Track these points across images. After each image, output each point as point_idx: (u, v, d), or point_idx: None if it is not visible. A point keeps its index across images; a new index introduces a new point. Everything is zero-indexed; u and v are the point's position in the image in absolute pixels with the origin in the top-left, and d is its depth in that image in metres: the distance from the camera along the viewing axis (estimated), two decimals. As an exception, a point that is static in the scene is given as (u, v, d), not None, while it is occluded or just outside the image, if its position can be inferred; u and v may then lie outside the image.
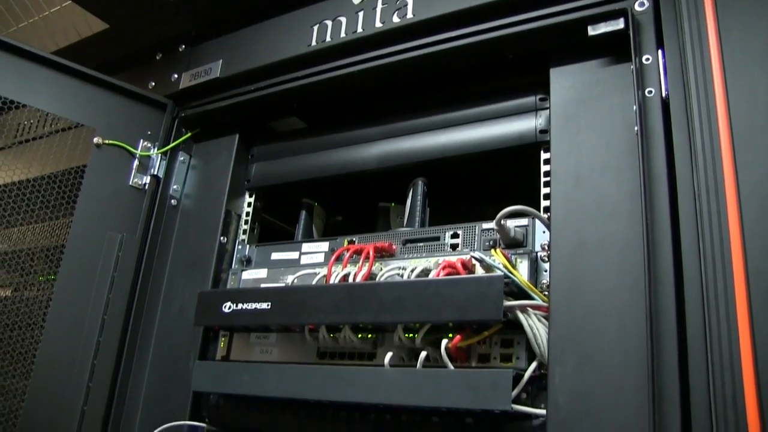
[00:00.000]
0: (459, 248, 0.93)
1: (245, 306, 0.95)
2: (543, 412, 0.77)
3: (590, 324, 0.76)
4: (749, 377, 0.65)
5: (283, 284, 1.02)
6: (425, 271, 0.88)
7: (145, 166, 1.17)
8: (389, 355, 0.85)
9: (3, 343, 1.12)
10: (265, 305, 0.93)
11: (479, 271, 0.85)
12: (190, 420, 1.02)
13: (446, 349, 0.81)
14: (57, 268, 1.13)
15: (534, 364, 0.80)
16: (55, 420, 1.03)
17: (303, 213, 1.16)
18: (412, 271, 0.89)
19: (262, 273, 1.05)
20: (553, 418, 0.75)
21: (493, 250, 0.84)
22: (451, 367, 0.81)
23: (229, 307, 0.96)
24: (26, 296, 1.21)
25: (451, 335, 0.82)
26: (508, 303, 0.79)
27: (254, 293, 0.96)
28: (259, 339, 1.02)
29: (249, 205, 1.17)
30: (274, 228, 1.25)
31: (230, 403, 1.02)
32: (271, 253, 1.08)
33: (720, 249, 0.69)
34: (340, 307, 0.87)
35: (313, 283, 0.98)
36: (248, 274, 1.07)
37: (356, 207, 1.10)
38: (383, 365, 0.85)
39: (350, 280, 0.92)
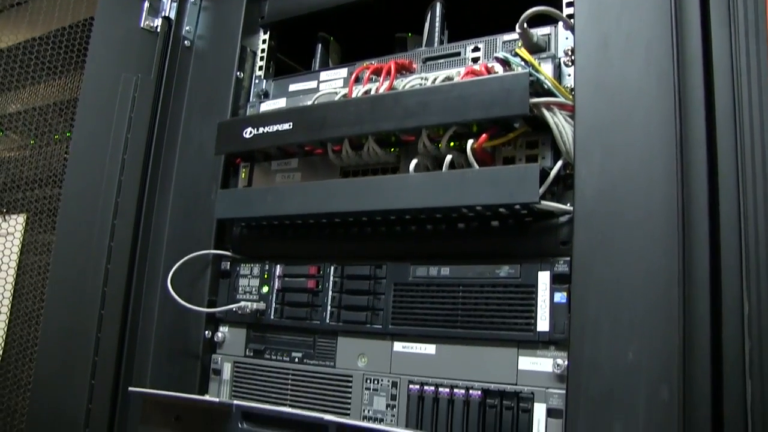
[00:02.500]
0: (480, 62, 0.91)
1: (266, 129, 0.95)
2: (570, 208, 0.78)
3: (617, 119, 0.75)
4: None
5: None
6: (448, 79, 0.88)
7: (155, 9, 1.15)
8: (414, 162, 0.85)
9: (26, 201, 1.13)
10: (286, 126, 0.93)
11: (503, 75, 0.84)
12: (214, 250, 1.03)
13: (472, 150, 0.81)
14: (72, 124, 1.13)
15: (560, 162, 0.80)
16: (83, 260, 1.04)
17: (319, 46, 1.14)
18: (435, 80, 0.88)
19: (280, 103, 1.04)
20: (580, 212, 0.75)
21: (516, 49, 0.83)
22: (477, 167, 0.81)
23: (250, 132, 0.96)
24: (45, 152, 1.21)
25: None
26: (533, 100, 0.78)
27: (274, 115, 0.96)
28: (280, 166, 1.02)
29: (264, 42, 1.15)
30: (289, 69, 1.23)
31: (253, 233, 1.03)
32: (289, 85, 1.07)
33: (755, 25, 0.69)
34: (363, 119, 0.87)
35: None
36: (266, 106, 1.06)
37: (372, 41, 1.08)
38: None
39: (372, 95, 0.92)
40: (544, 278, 0.79)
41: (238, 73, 1.09)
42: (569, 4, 0.86)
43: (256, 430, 0.79)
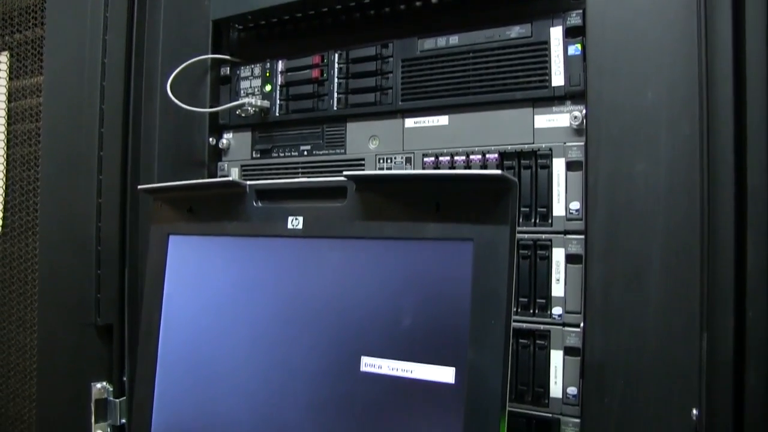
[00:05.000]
0: None
1: None
2: (580, -41, 0.75)
3: None
4: None
5: None
6: None
7: None
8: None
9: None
10: None
11: None
12: (212, 54, 0.99)
13: None
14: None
15: None
16: (76, 82, 1.01)
17: None
18: None
19: None
20: None
21: None
22: None
23: None
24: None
25: None
26: None
27: None
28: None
29: None
30: None
31: (251, 35, 1.00)
32: None
33: None
34: None
35: None
36: None
37: None
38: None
39: None
40: (556, 33, 0.77)
41: None
42: None
43: (272, 206, 0.78)
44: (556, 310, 0.75)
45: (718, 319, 0.63)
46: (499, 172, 0.61)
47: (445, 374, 0.63)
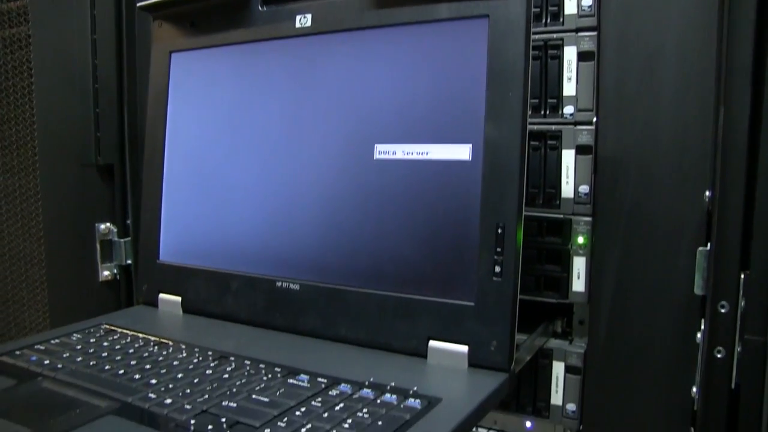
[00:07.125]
0: None
1: None
2: None
3: None
4: None
5: None
6: None
7: None
8: None
9: None
10: None
11: None
12: None
13: None
14: None
15: None
16: None
17: None
18: None
19: None
20: None
21: None
22: None
23: None
24: None
25: None
26: None
27: None
28: None
29: None
30: None
31: None
32: None
33: None
34: None
35: None
36: None
37: None
38: None
39: None
40: None
41: None
42: None
43: (278, 8, 0.76)
44: (568, 109, 0.75)
45: (735, 91, 0.62)
46: (516, -64, 0.60)
47: (461, 152, 0.63)
